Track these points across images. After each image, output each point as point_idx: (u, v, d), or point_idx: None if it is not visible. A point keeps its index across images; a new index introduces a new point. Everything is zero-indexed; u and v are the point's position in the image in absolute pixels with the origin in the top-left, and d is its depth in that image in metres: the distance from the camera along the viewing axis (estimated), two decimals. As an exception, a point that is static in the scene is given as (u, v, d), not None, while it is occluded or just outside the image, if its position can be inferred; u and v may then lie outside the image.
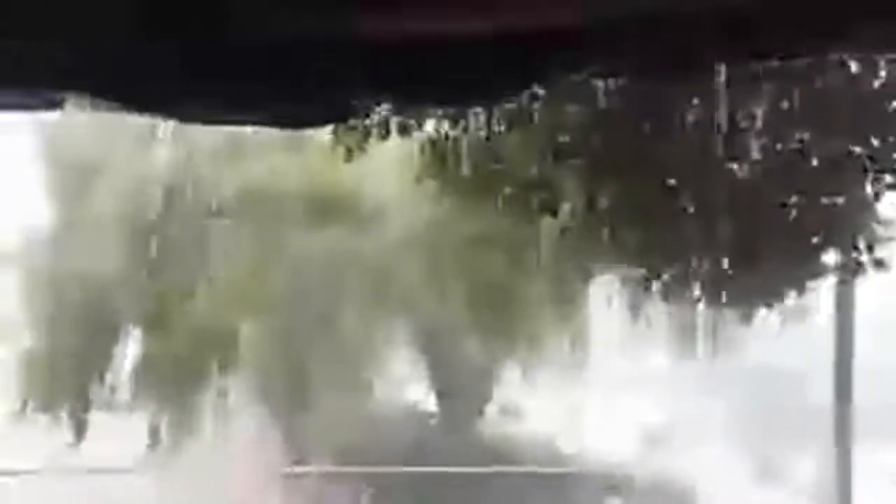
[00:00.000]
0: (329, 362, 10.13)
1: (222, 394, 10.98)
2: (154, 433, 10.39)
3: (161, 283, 9.78)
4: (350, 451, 10.06)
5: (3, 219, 9.97)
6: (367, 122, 5.05)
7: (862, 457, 11.40)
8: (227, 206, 9.72)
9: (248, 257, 9.63)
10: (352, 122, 4.71)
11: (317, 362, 10.06)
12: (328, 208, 9.72)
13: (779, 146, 5.21)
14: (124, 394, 10.98)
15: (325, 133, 5.45)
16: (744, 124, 4.94)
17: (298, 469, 10.68)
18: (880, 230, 6.06)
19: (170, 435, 10.29)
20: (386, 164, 9.42)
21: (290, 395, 10.13)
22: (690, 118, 4.93)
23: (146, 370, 10.46)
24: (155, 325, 10.26)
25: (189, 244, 9.78)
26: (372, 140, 5.23)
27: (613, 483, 11.62)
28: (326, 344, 9.99)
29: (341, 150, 5.21)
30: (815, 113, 5.32)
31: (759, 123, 5.07)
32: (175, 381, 10.11)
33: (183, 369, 9.99)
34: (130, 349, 10.69)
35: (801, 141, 5.17)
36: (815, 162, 5.49)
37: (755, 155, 5.12)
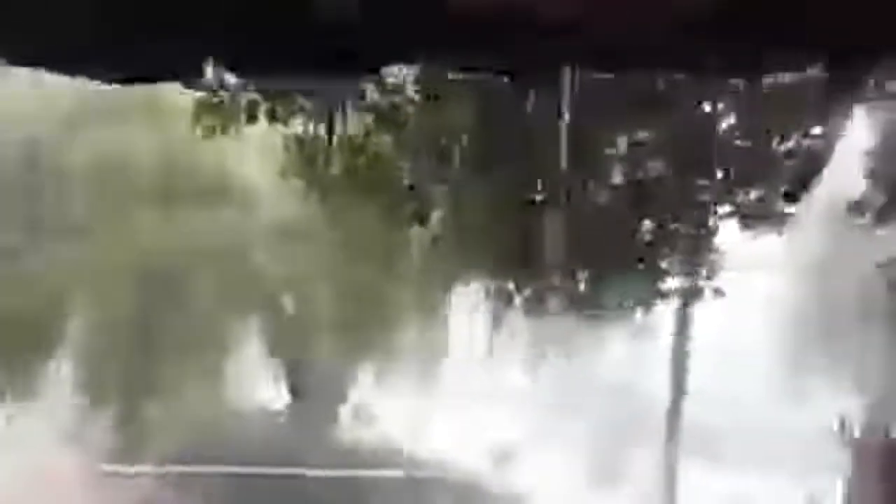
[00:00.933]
0: (175, 353, 9.64)
1: (47, 381, 10.21)
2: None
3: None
4: (193, 451, 9.63)
5: None
6: (233, 101, 4.91)
7: (690, 472, 12.20)
8: (74, 174, 9.00)
9: (92, 231, 8.92)
10: (217, 99, 4.57)
11: (161, 352, 9.54)
12: (187, 189, 9.23)
13: (638, 174, 5.55)
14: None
15: (187, 108, 5.22)
16: (608, 150, 5.22)
17: (129, 469, 10.10)
18: (717, 258, 6.57)
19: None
20: (250, 152, 9.13)
21: (127, 387, 9.53)
22: (563, 136, 5.15)
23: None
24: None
25: (26, 208, 8.98)
26: (237, 125, 5.07)
27: (460, 491, 11.83)
28: (173, 334, 9.50)
29: (201, 126, 4.99)
30: (672, 146, 5.71)
31: (622, 150, 5.38)
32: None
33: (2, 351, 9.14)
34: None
35: (658, 171, 5.53)
36: (667, 191, 5.88)
37: (616, 180, 5.42)
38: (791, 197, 5.20)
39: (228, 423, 12.60)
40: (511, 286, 6.54)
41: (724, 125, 5.63)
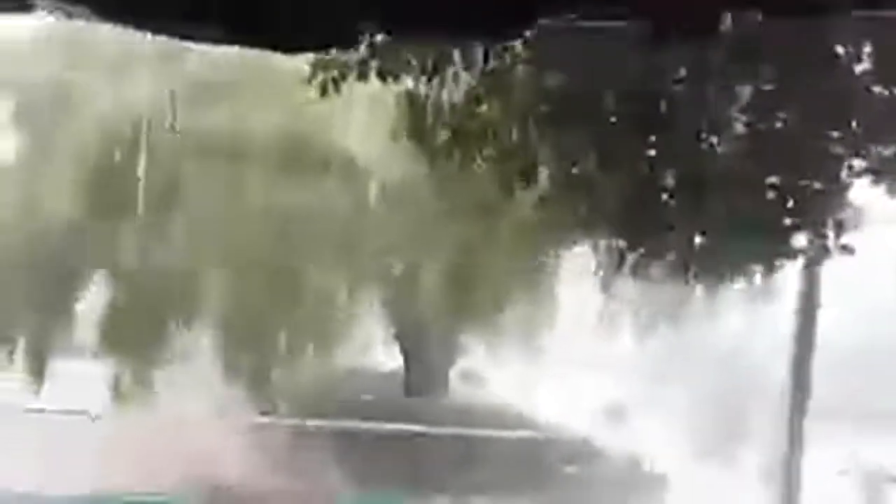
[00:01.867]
0: (295, 316, 10.02)
1: (186, 343, 10.85)
2: (116, 381, 10.22)
3: (127, 226, 9.50)
4: (315, 406, 10.05)
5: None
6: (346, 59, 4.93)
7: (815, 443, 11.70)
8: (198, 147, 9.41)
9: (216, 202, 9.33)
10: (331, 57, 4.61)
11: (283, 315, 9.94)
12: (301, 156, 9.48)
13: (761, 126, 5.24)
14: (88, 340, 10.79)
15: (300, 72, 5.30)
16: (728, 102, 4.95)
17: (263, 420, 10.64)
18: (849, 215, 6.14)
19: (133, 384, 10.08)
20: (361, 115, 9.25)
21: (254, 346, 10.01)
22: (675, 90, 4.93)
23: (109, 317, 10.26)
24: (118, 269, 10.02)
25: (157, 185, 9.48)
26: (349, 81, 5.11)
27: (570, 451, 11.80)
28: (293, 297, 9.85)
29: (316, 85, 5.06)
30: (799, 95, 5.35)
31: (743, 101, 5.09)
32: (138, 329, 9.91)
33: (146, 317, 9.79)
34: (93, 294, 10.47)
35: (784, 122, 5.20)
36: (794, 144, 5.53)
37: (737, 133, 5.15)
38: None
39: (346, 383, 13.07)
40: (622, 246, 6.35)
41: (859, 70, 5.21)
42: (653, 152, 5.38)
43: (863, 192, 6.14)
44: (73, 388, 9.82)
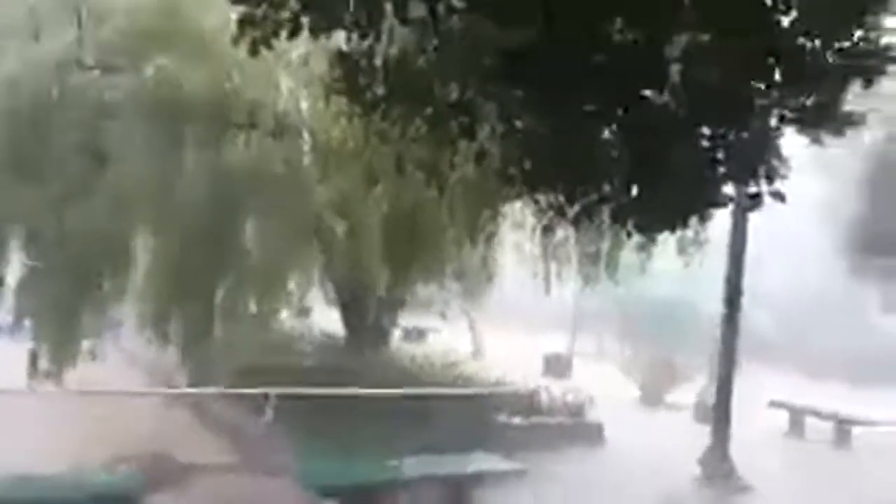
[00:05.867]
0: (230, 280, 9.83)
1: (113, 311, 10.53)
2: (33, 356, 9.82)
3: (48, 187, 9.09)
4: (252, 373, 9.94)
5: None
6: (276, 16, 4.77)
7: (744, 380, 12.24)
8: (122, 105, 9.04)
9: (144, 163, 9.00)
10: (261, 12, 4.44)
11: (217, 280, 9.73)
12: (231, 114, 9.21)
13: (694, 77, 5.32)
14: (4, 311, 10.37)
15: (225, 27, 5.09)
16: (665, 52, 5.00)
17: (196, 391, 10.47)
18: (778, 163, 6.33)
19: (53, 357, 9.67)
20: (291, 71, 9.03)
21: (186, 313, 9.78)
22: (612, 42, 4.95)
23: (29, 284, 9.83)
24: (39, 233, 9.59)
25: (80, 145, 9.08)
26: (279, 38, 4.93)
27: (515, 404, 12.06)
28: (228, 261, 9.66)
29: (244, 42, 4.89)
30: (728, 47, 5.43)
31: (677, 53, 5.14)
32: (60, 298, 9.51)
33: (69, 284, 9.40)
34: (12, 260, 10.01)
35: (715, 73, 5.29)
36: (723, 95, 5.64)
37: (672, 84, 5.21)
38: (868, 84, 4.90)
39: (286, 348, 12.97)
40: (561, 201, 6.40)
41: (784, 22, 5.31)
42: (590, 106, 5.41)
43: (788, 141, 6.33)
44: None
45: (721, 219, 10.00)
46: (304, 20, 4.71)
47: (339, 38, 5.54)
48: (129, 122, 8.82)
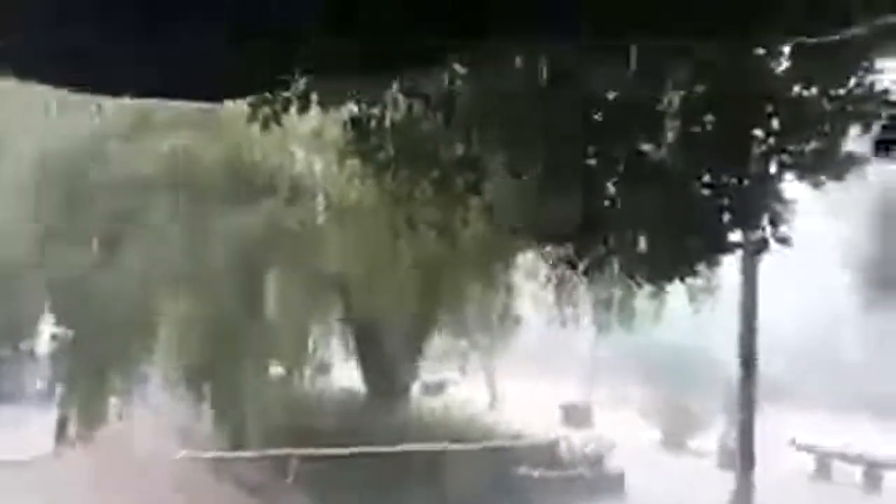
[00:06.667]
0: (255, 343, 9.98)
1: (142, 377, 10.69)
2: (62, 423, 9.97)
3: (77, 262, 9.36)
4: (279, 434, 10.00)
5: None
6: (287, 93, 5.03)
7: (765, 423, 12.13)
8: (143, 181, 9.37)
9: (168, 233, 9.29)
10: (270, 93, 4.70)
11: (242, 344, 9.89)
12: (249, 184, 9.51)
13: (691, 129, 5.50)
14: (37, 382, 10.57)
15: (240, 105, 5.39)
16: (659, 106, 5.20)
17: (226, 454, 10.53)
18: (781, 208, 6.46)
19: (82, 423, 9.83)
20: (305, 140, 9.34)
21: (214, 377, 9.93)
22: (610, 97, 5.16)
23: (61, 355, 10.07)
24: (71, 306, 9.86)
25: (104, 220, 9.39)
26: (290, 113, 5.20)
27: (535, 456, 11.99)
28: (252, 325, 9.83)
29: (257, 121, 5.13)
30: (723, 98, 5.63)
31: (674, 107, 5.34)
32: (91, 365, 9.73)
33: (100, 352, 9.63)
34: (44, 333, 10.27)
35: (713, 124, 5.47)
36: (723, 144, 5.82)
37: (669, 136, 5.39)
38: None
39: (308, 405, 13.02)
40: (571, 253, 6.56)
41: (780, 71, 5.52)
42: (593, 161, 5.60)
43: (790, 187, 6.47)
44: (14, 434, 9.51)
45: (733, 262, 10.06)
46: (313, 96, 4.96)
47: (349, 107, 5.82)
48: (155, 191, 9.17)
